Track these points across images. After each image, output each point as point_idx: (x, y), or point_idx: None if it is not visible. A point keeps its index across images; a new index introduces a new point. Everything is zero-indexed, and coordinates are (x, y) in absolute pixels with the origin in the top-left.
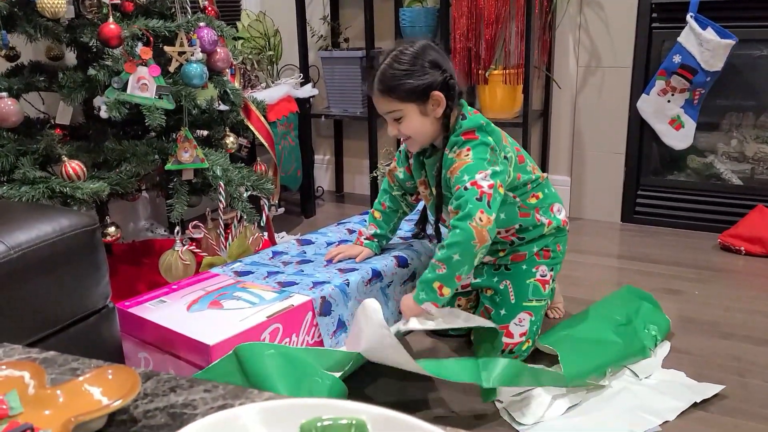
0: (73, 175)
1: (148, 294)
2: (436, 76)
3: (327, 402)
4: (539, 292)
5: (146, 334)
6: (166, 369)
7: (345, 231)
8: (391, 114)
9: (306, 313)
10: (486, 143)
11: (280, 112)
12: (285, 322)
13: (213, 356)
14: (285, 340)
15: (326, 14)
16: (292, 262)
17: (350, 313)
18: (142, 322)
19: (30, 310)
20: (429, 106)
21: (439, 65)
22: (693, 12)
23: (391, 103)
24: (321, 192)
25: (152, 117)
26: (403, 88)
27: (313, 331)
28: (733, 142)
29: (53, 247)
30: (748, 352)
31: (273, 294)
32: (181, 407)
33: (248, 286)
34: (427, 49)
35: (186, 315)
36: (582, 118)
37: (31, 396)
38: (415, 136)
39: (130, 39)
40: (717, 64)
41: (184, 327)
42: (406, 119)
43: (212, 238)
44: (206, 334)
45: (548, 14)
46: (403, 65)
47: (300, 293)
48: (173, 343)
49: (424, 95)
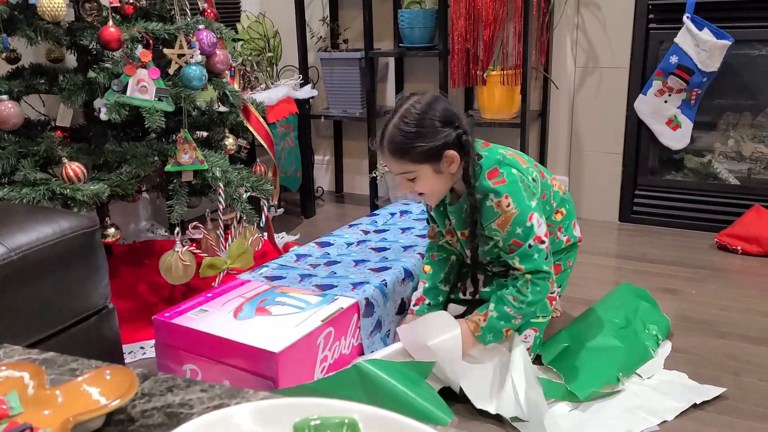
0: (74, 177)
1: (184, 303)
2: (449, 134)
3: (319, 401)
4: (546, 308)
5: (192, 345)
6: (220, 379)
7: (360, 232)
8: (404, 175)
9: (353, 315)
10: (514, 179)
11: (279, 113)
12: (336, 325)
13: (279, 364)
14: (336, 344)
15: (325, 16)
16: (319, 264)
17: (388, 314)
18: (188, 332)
19: (30, 312)
20: (443, 164)
21: (450, 121)
22: (689, 13)
23: (404, 165)
24: (321, 192)
25: (152, 119)
26: (415, 151)
27: (357, 333)
28: (730, 142)
29: (53, 249)
30: (744, 351)
31: (317, 298)
32: (178, 407)
33: (287, 291)
34: (436, 105)
35: (236, 323)
36: (580, 119)
37: (30, 396)
38: (429, 193)
39: (129, 42)
40: (713, 64)
41: (240, 335)
42: (420, 179)
43: (212, 238)
44: (269, 342)
45: (546, 15)
46: (413, 126)
47: (343, 295)
48: (228, 353)
49: (438, 156)
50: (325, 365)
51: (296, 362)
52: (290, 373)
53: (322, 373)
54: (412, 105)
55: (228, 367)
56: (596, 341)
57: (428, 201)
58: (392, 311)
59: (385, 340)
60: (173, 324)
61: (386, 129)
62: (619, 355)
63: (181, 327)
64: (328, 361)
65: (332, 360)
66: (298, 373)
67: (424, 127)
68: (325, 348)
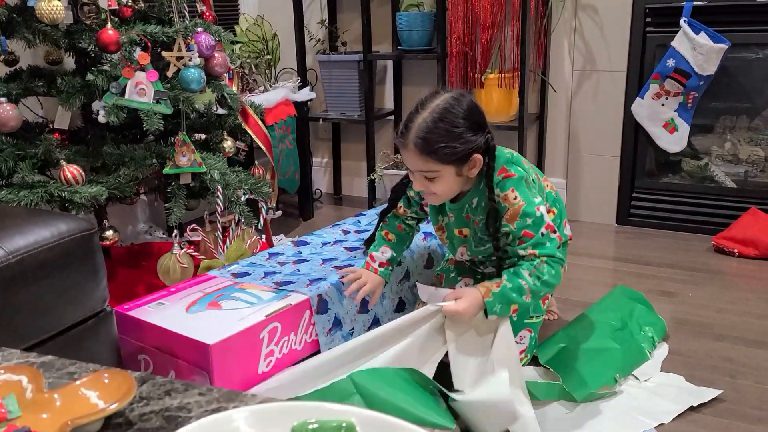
0: (72, 180)
1: (146, 297)
2: (480, 139)
3: (317, 405)
4: (539, 308)
5: (146, 337)
6: (167, 370)
7: (340, 232)
8: (425, 173)
9: (304, 312)
10: (521, 176)
11: (278, 115)
12: (283, 321)
13: (213, 356)
14: (283, 339)
15: (324, 18)
16: (288, 263)
17: (345, 311)
18: (142, 324)
19: (28, 315)
20: (466, 167)
21: (482, 126)
22: (686, 17)
23: (428, 164)
24: (319, 195)
25: (150, 121)
26: (447, 151)
27: (310, 330)
28: (727, 145)
29: (51, 252)
30: (740, 354)
31: (271, 294)
32: (176, 410)
33: (246, 287)
34: (469, 106)
35: (185, 316)
36: (577, 122)
37: (28, 400)
38: (442, 194)
39: (128, 44)
40: (710, 68)
41: (184, 328)
42: (440, 180)
43: (210, 241)
44: (206, 334)
45: (543, 18)
46: (448, 126)
47: (297, 292)
48: (173, 345)
49: (465, 159)
50: (272, 359)
51: (234, 355)
52: (227, 365)
53: (268, 368)
54: (448, 103)
55: (173, 359)
56: (593, 343)
57: (436, 201)
58: (352, 309)
59: (347, 338)
60: (128, 315)
61: (413, 123)
62: (616, 356)
63: (136, 318)
64: (276, 355)
65: (280, 354)
66: (237, 365)
67: (457, 128)
68: (271, 342)
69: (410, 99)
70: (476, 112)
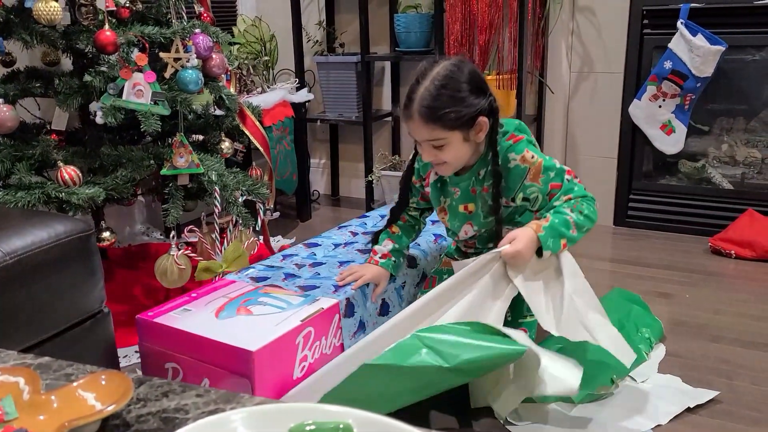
0: (69, 181)
1: (168, 303)
2: (483, 101)
3: (314, 406)
4: None
5: (174, 344)
6: (200, 378)
7: (348, 234)
8: (432, 142)
9: (334, 316)
10: (529, 139)
11: (275, 116)
12: (316, 325)
13: (256, 362)
14: (316, 343)
15: (322, 19)
16: (305, 265)
17: (369, 314)
18: (170, 331)
19: (25, 316)
20: (472, 132)
21: (483, 89)
22: (683, 19)
23: (435, 132)
24: (317, 196)
25: (148, 123)
26: (452, 116)
27: (338, 334)
28: (724, 147)
29: (49, 253)
30: (736, 355)
31: (299, 298)
32: (173, 412)
33: (271, 291)
34: (469, 70)
35: (217, 322)
36: (575, 123)
37: (25, 401)
38: (452, 161)
39: (125, 45)
40: (707, 69)
41: (220, 334)
42: (448, 147)
43: (208, 242)
44: (246, 341)
45: (541, 20)
46: (451, 92)
47: (325, 296)
48: (209, 352)
49: (470, 123)
50: (305, 365)
51: (274, 361)
52: (267, 371)
53: (301, 373)
54: (447, 69)
55: (208, 366)
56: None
57: (446, 171)
58: (374, 312)
59: None
60: (156, 323)
61: (416, 94)
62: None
63: (164, 326)
64: (308, 360)
65: (312, 359)
66: (275, 371)
67: (461, 92)
68: (305, 347)
69: None
70: (477, 75)
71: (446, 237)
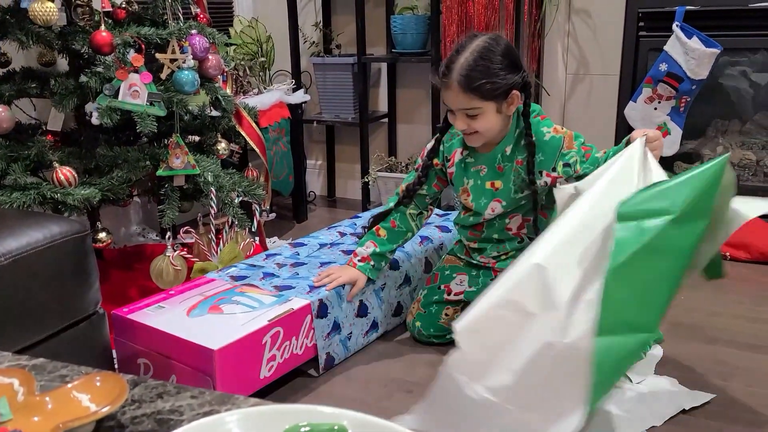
0: (65, 181)
1: (145, 300)
2: (517, 77)
3: (309, 408)
4: None
5: (146, 340)
6: (168, 375)
7: (336, 234)
8: (467, 110)
9: (305, 316)
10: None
11: (272, 117)
12: (285, 326)
13: (217, 361)
14: (285, 343)
15: (318, 21)
16: (286, 265)
17: (344, 315)
18: (142, 327)
19: (20, 317)
20: (505, 104)
21: (518, 64)
22: (679, 21)
23: (471, 101)
24: (313, 197)
25: (144, 123)
26: (488, 87)
27: (311, 334)
28: (719, 149)
29: (44, 254)
30: (731, 357)
31: (272, 298)
32: (168, 413)
33: (246, 290)
34: (511, 48)
35: (187, 320)
36: (571, 125)
37: (20, 403)
38: (485, 132)
39: (122, 46)
40: (702, 72)
41: (187, 332)
42: (482, 117)
43: (203, 243)
44: (210, 339)
45: (537, 22)
46: (492, 63)
47: (298, 297)
48: (175, 349)
49: (504, 95)
50: (273, 364)
51: (238, 360)
52: (230, 370)
53: (269, 372)
54: (490, 43)
55: (175, 363)
56: None
57: (477, 141)
58: (351, 313)
59: (345, 342)
60: (128, 319)
61: (455, 63)
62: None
63: (136, 322)
64: (277, 360)
65: (281, 359)
66: (239, 370)
67: (499, 65)
68: (273, 347)
69: (404, 102)
70: (512, 51)
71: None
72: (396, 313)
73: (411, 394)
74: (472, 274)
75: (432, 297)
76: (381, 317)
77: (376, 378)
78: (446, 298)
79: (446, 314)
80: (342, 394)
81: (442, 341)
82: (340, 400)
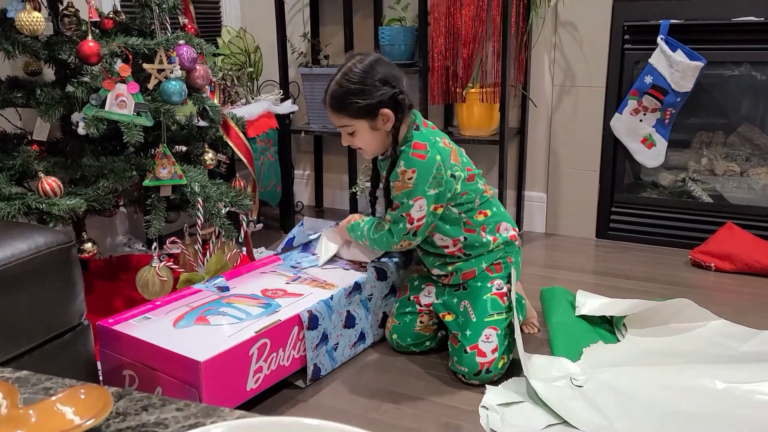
0: (50, 192)
1: (131, 311)
2: (386, 93)
3: (293, 420)
4: (498, 305)
5: (131, 352)
6: (153, 387)
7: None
8: (344, 128)
9: (293, 328)
10: (432, 163)
11: (259, 127)
12: (272, 337)
13: (203, 373)
14: (272, 355)
15: (306, 31)
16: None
17: (333, 326)
18: (127, 339)
19: (4, 328)
20: (378, 121)
21: (388, 81)
22: (663, 34)
23: (342, 119)
24: (301, 207)
25: (130, 134)
26: (353, 107)
27: (299, 345)
28: (704, 161)
29: (28, 265)
30: None
31: (259, 309)
32: (153, 426)
33: (233, 301)
34: (377, 65)
35: (173, 331)
36: (557, 136)
37: (3, 416)
38: (365, 147)
39: (108, 56)
40: (686, 84)
41: (172, 344)
42: (358, 134)
43: (190, 254)
44: (195, 351)
45: (524, 34)
46: (353, 84)
47: (286, 307)
48: (161, 361)
49: (374, 113)
50: (260, 375)
51: (224, 372)
52: (216, 382)
53: (255, 384)
54: (354, 64)
55: (161, 375)
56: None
57: (365, 155)
58: (339, 324)
59: (331, 353)
60: (114, 330)
61: (328, 86)
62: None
63: (121, 333)
64: (264, 371)
65: (268, 371)
66: (225, 382)
67: (363, 85)
68: (260, 359)
69: None
70: (381, 69)
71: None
72: (382, 324)
73: (398, 405)
74: (438, 286)
75: (405, 308)
76: (368, 328)
77: (363, 389)
78: (418, 309)
79: (421, 321)
80: (329, 405)
81: (422, 348)
82: (327, 411)
